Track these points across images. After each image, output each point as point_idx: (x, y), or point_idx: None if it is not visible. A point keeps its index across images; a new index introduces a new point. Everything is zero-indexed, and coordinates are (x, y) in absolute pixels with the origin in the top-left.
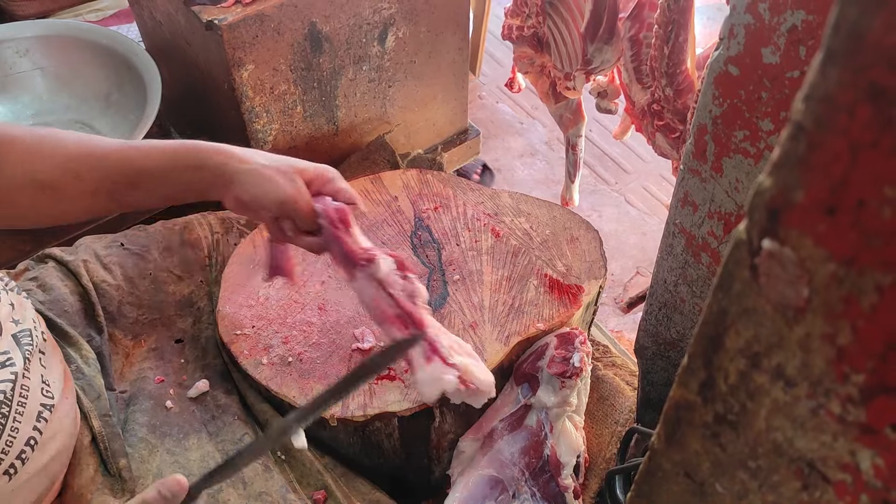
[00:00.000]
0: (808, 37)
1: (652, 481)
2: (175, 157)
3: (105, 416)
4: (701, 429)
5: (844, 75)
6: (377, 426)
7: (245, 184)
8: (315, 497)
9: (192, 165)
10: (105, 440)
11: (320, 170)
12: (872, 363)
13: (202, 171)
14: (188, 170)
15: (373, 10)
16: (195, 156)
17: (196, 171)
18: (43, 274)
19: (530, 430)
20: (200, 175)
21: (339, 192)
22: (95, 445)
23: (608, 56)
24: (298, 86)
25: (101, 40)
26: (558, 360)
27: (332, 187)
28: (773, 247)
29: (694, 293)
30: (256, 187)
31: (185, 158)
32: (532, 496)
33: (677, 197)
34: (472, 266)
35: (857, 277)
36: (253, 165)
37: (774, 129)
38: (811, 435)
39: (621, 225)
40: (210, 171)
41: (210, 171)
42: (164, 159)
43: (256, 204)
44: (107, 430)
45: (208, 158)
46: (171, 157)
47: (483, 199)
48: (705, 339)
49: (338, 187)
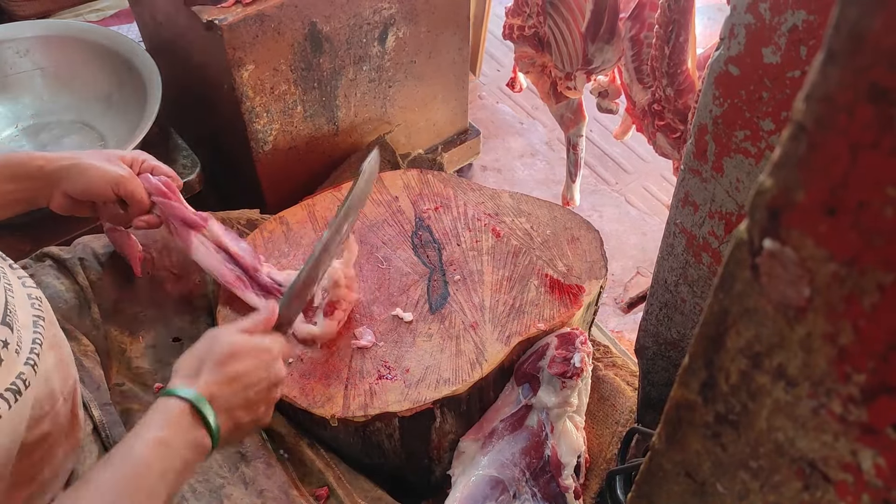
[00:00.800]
0: (809, 37)
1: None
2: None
3: (105, 405)
4: (702, 429)
5: (845, 76)
6: (378, 426)
7: (71, 179)
8: (317, 493)
9: (8, 176)
10: (106, 428)
11: (134, 153)
12: (874, 363)
13: (22, 182)
14: (13, 179)
15: (373, 10)
16: (8, 168)
17: (13, 181)
18: (39, 272)
19: (531, 431)
20: (22, 185)
21: (156, 168)
22: (97, 434)
23: (609, 56)
24: (299, 86)
25: (102, 40)
26: (559, 361)
27: (149, 165)
28: (774, 247)
29: (695, 293)
30: (85, 178)
31: (5, 167)
32: (533, 496)
33: (678, 197)
34: (473, 266)
35: (858, 277)
36: (73, 161)
37: (775, 129)
38: (812, 435)
39: (622, 225)
40: (30, 180)
41: (30, 180)
42: None
43: (87, 194)
44: (108, 419)
45: (21, 168)
46: None
47: (484, 199)
48: (706, 339)
49: (153, 164)
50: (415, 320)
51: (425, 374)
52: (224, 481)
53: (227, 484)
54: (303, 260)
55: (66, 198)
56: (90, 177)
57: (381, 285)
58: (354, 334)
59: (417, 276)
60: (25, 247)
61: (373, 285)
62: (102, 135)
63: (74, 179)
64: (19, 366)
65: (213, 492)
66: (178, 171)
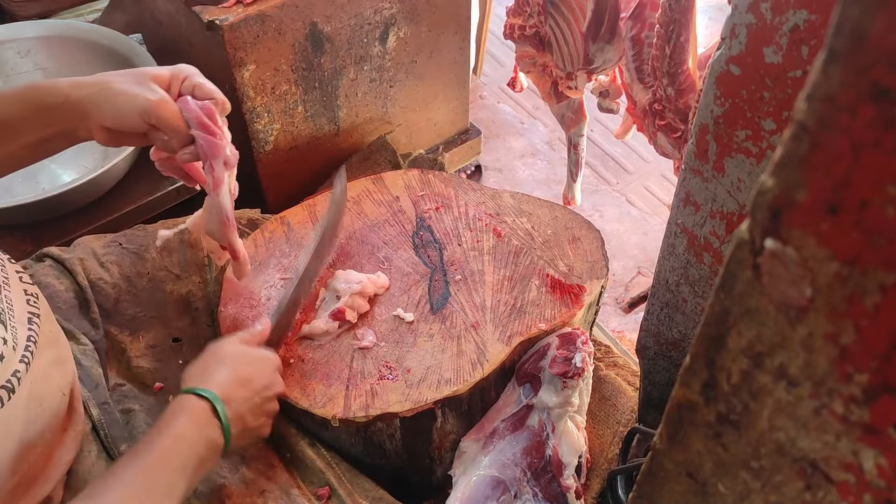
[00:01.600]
0: (811, 36)
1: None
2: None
3: (104, 404)
4: (703, 429)
5: (846, 75)
6: (379, 427)
7: (100, 107)
8: (319, 493)
9: (44, 105)
10: (105, 427)
11: (175, 70)
12: (876, 363)
13: (51, 115)
14: (41, 111)
15: (374, 9)
16: (40, 94)
17: (49, 110)
18: (39, 272)
19: (532, 431)
20: (56, 114)
21: (199, 88)
22: (95, 433)
23: (610, 56)
24: (300, 86)
25: (103, 41)
26: (560, 361)
27: (190, 84)
28: (775, 246)
29: (696, 293)
30: (113, 105)
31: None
32: (534, 496)
33: (679, 197)
34: (474, 266)
35: (859, 277)
36: (100, 86)
37: (776, 129)
38: (814, 435)
39: (623, 225)
40: (59, 112)
41: (59, 112)
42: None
43: (120, 124)
44: (106, 418)
45: (45, 98)
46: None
47: (485, 199)
48: (707, 338)
49: (195, 82)
50: (416, 320)
51: (426, 374)
52: (225, 482)
53: (228, 484)
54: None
55: (102, 129)
56: (117, 104)
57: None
58: (355, 335)
59: (418, 276)
60: (26, 247)
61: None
62: None
63: (104, 108)
64: (14, 363)
65: (214, 492)
66: None
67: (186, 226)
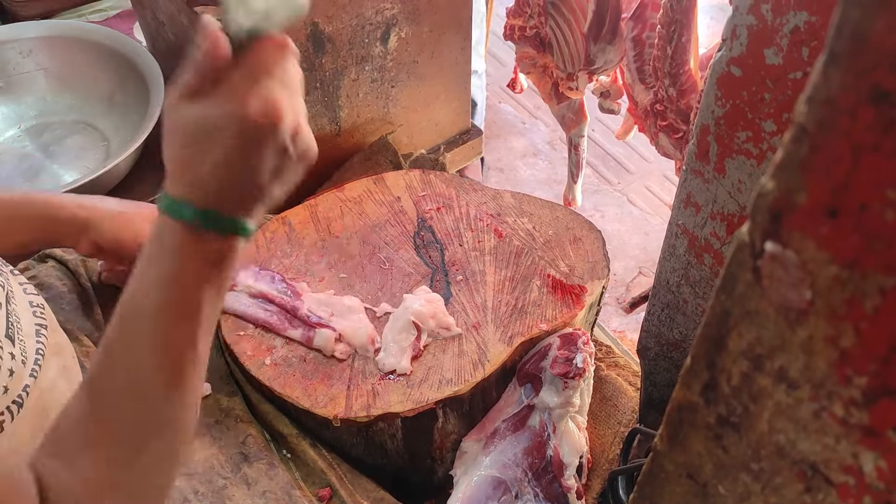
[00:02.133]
0: (811, 38)
1: (654, 482)
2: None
3: None
4: (703, 430)
5: (847, 77)
6: (380, 427)
7: (103, 230)
8: (320, 494)
9: (43, 216)
10: None
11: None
12: (875, 366)
13: (60, 224)
14: (37, 220)
15: (375, 10)
16: (42, 208)
17: (54, 222)
18: (42, 273)
19: (533, 431)
20: (58, 227)
21: None
22: None
23: (611, 56)
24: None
25: (104, 41)
26: (561, 361)
27: None
28: (775, 249)
29: (697, 294)
30: (118, 232)
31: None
32: (535, 497)
33: (680, 198)
34: (475, 266)
35: (859, 280)
36: (109, 212)
37: (777, 131)
38: (814, 437)
39: (624, 225)
40: (62, 223)
41: (62, 223)
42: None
43: (117, 247)
44: None
45: (56, 210)
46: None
47: (486, 199)
48: (708, 340)
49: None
50: None
51: (427, 374)
52: (226, 482)
53: (230, 485)
54: (305, 260)
55: (94, 245)
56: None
57: (383, 286)
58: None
59: (420, 276)
60: None
61: (375, 286)
62: (105, 135)
63: (107, 232)
64: (25, 377)
65: (215, 493)
66: None
67: None
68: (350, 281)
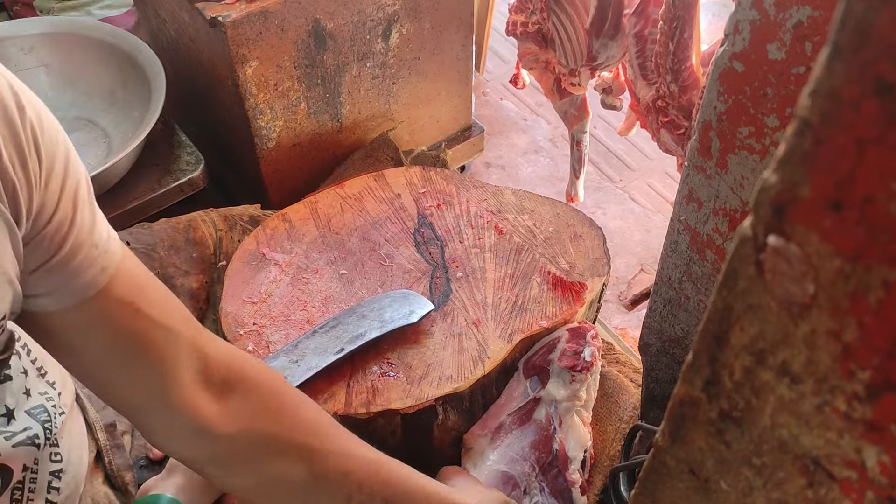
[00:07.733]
0: (814, 33)
1: (656, 478)
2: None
3: (110, 426)
4: (705, 426)
5: (850, 70)
6: (380, 423)
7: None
8: None
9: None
10: (109, 454)
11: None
12: (878, 360)
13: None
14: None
15: (377, 6)
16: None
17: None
18: None
19: (539, 425)
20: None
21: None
22: (100, 459)
23: (613, 52)
24: (302, 83)
25: (106, 38)
26: (570, 354)
27: None
28: (778, 243)
29: (698, 290)
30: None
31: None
32: (541, 491)
33: (682, 194)
34: (476, 263)
35: (863, 273)
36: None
37: (780, 126)
38: (816, 432)
39: (625, 222)
40: None
41: None
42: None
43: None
44: (111, 443)
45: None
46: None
47: (486, 196)
48: (710, 335)
49: None
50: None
51: (428, 371)
52: None
53: None
54: (305, 257)
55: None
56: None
57: (383, 283)
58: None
59: (420, 273)
60: None
61: (375, 283)
62: (106, 132)
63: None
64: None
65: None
66: (182, 167)
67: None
68: (350, 277)
